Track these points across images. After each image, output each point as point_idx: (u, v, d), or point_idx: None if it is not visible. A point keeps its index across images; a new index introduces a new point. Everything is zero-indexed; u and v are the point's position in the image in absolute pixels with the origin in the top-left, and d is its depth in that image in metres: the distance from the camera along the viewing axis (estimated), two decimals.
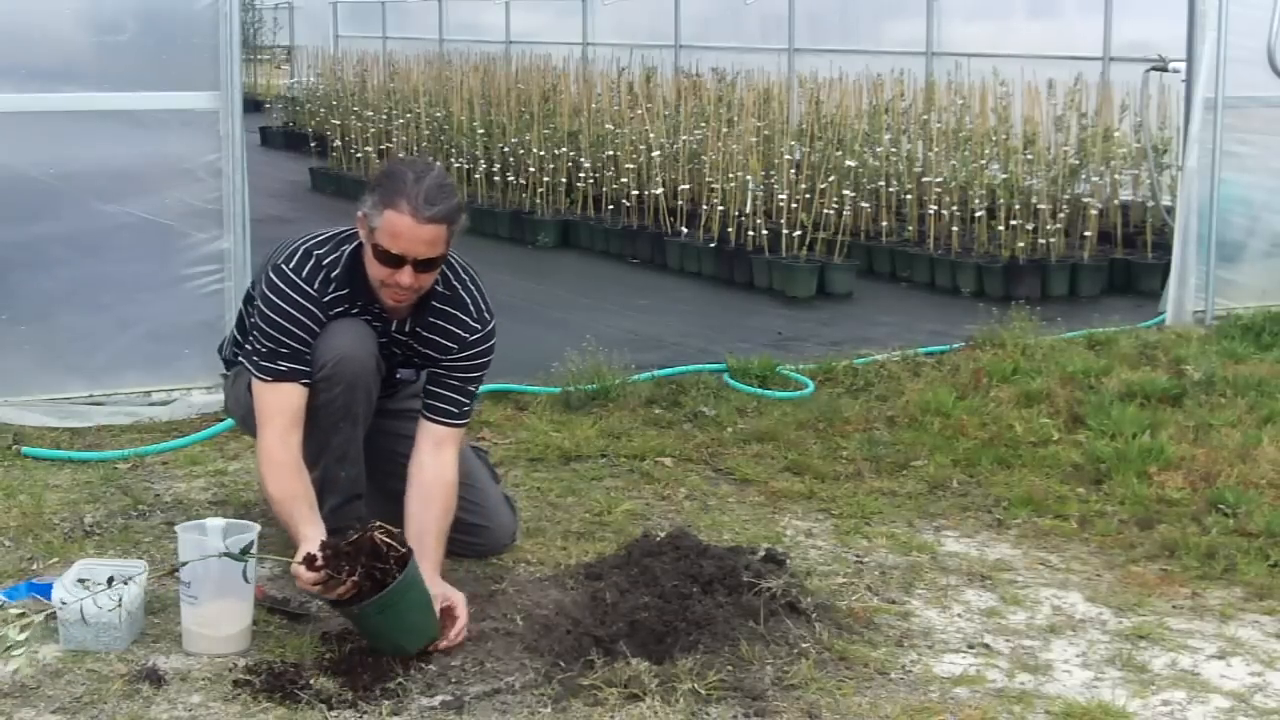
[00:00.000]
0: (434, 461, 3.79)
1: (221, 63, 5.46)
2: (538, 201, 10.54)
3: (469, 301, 3.87)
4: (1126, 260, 8.71)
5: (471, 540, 4.06)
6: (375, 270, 3.69)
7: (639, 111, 10.32)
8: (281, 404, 3.71)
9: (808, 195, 8.63)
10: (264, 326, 3.74)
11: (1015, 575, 4.11)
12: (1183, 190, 7.54)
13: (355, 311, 3.80)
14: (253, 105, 16.29)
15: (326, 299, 3.76)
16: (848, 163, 9.08)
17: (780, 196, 8.72)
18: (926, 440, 5.29)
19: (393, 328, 3.85)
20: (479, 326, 3.86)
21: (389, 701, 3.23)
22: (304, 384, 3.72)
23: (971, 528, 4.52)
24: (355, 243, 3.80)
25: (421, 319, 3.85)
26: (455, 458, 3.84)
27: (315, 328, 3.75)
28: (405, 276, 3.64)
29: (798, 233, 8.47)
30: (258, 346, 3.74)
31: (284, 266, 3.77)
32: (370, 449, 3.90)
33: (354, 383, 3.76)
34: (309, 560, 3.40)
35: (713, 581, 3.60)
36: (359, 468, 3.86)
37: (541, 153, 10.56)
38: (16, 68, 5.40)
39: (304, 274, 3.75)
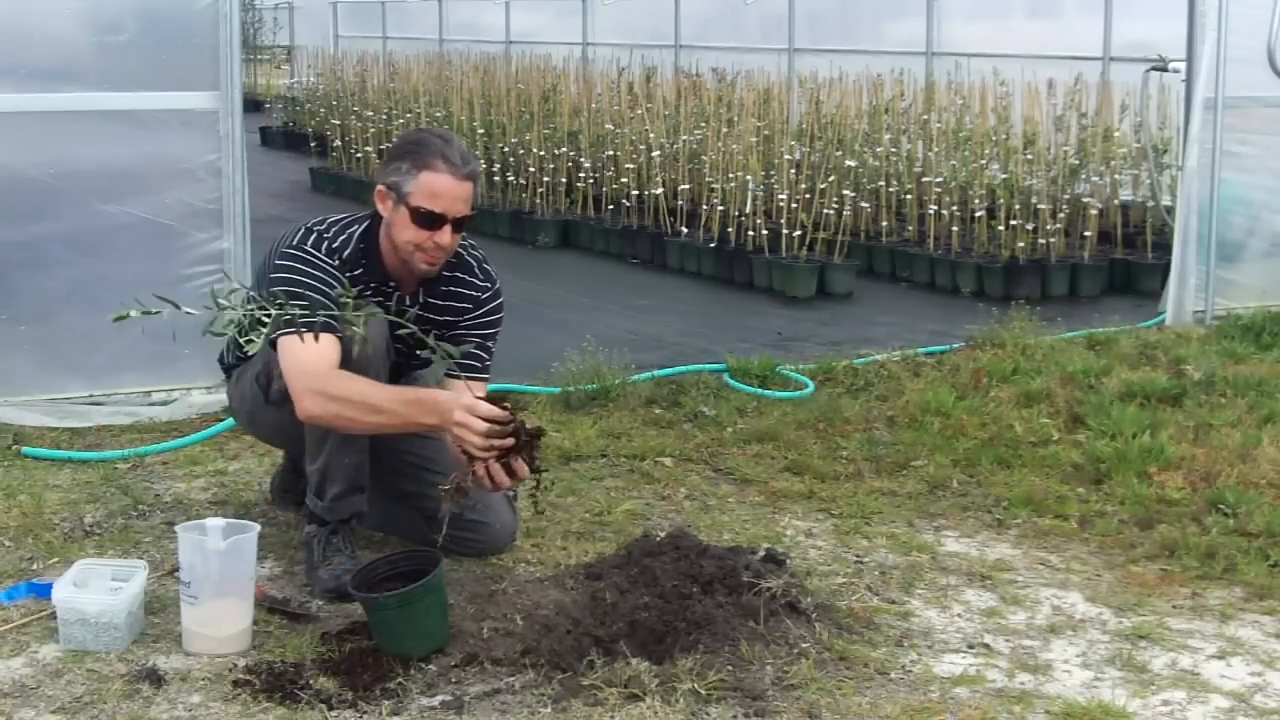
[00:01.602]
0: None
1: (221, 63, 5.46)
2: (538, 201, 10.54)
3: (473, 264, 4.01)
4: (1126, 260, 8.71)
5: (471, 537, 4.06)
6: (411, 235, 3.77)
7: (639, 111, 10.33)
8: (323, 352, 3.64)
9: (808, 195, 8.62)
10: (290, 293, 3.70)
11: (1015, 575, 4.11)
12: (1183, 190, 7.54)
13: (369, 292, 3.83)
14: (253, 105, 16.29)
15: (343, 273, 3.79)
16: (848, 163, 9.08)
17: (780, 196, 8.72)
18: (926, 440, 5.29)
19: (406, 300, 3.92)
20: (487, 285, 4.01)
21: (389, 701, 3.23)
22: (340, 338, 3.66)
23: (971, 528, 4.52)
24: (363, 225, 3.87)
25: (432, 289, 3.94)
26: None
27: (333, 284, 3.73)
28: (445, 236, 3.77)
29: (798, 233, 8.47)
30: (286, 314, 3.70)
31: (292, 246, 3.81)
32: (376, 448, 3.89)
33: (362, 365, 3.76)
34: (495, 399, 3.57)
35: (713, 581, 3.60)
36: (363, 456, 3.86)
37: (541, 153, 10.56)
38: (16, 68, 5.40)
39: (319, 248, 3.80)
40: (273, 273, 3.80)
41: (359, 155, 12.77)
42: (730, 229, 8.90)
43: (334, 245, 3.83)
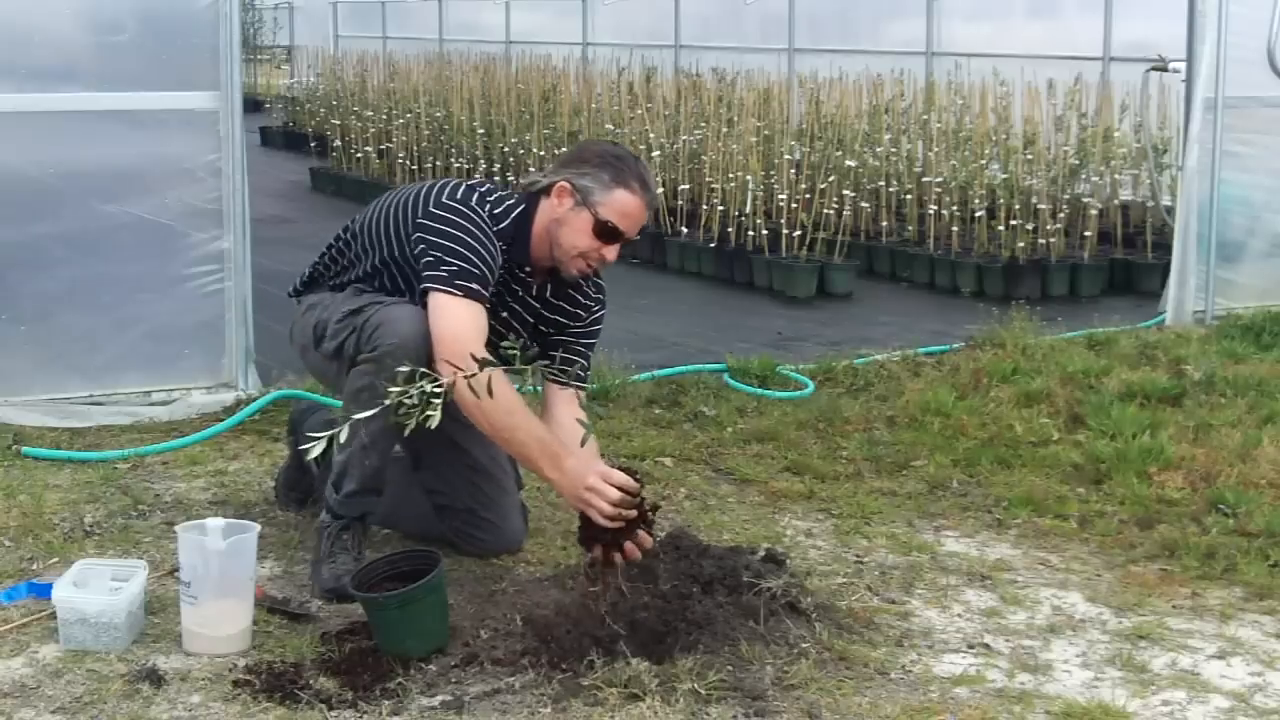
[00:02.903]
0: (573, 424, 3.81)
1: (221, 63, 5.46)
2: None
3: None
4: (1126, 260, 8.71)
5: (478, 535, 4.07)
6: (585, 242, 3.83)
7: (639, 111, 10.33)
8: (479, 324, 3.68)
9: (808, 195, 8.63)
10: (445, 244, 3.73)
11: (1015, 575, 4.11)
12: (1183, 190, 7.54)
13: (504, 267, 3.86)
14: (253, 105, 16.30)
15: (495, 236, 3.83)
16: (848, 163, 9.08)
17: (780, 196, 8.72)
18: (926, 440, 5.29)
19: (532, 291, 3.97)
20: (600, 299, 4.10)
21: (389, 701, 3.23)
22: (487, 309, 3.74)
23: (971, 528, 4.52)
24: (520, 207, 3.90)
25: (557, 288, 3.99)
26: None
27: (494, 254, 3.78)
28: (612, 253, 3.88)
29: (798, 233, 8.47)
30: (443, 268, 3.71)
31: (457, 199, 3.82)
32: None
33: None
34: (630, 470, 3.64)
35: (713, 581, 3.60)
36: (385, 461, 3.86)
37: (542, 153, 10.55)
38: (16, 68, 5.40)
39: (482, 209, 3.82)
40: (432, 220, 3.78)
41: (359, 155, 12.76)
42: (730, 229, 8.90)
43: (496, 213, 3.85)
